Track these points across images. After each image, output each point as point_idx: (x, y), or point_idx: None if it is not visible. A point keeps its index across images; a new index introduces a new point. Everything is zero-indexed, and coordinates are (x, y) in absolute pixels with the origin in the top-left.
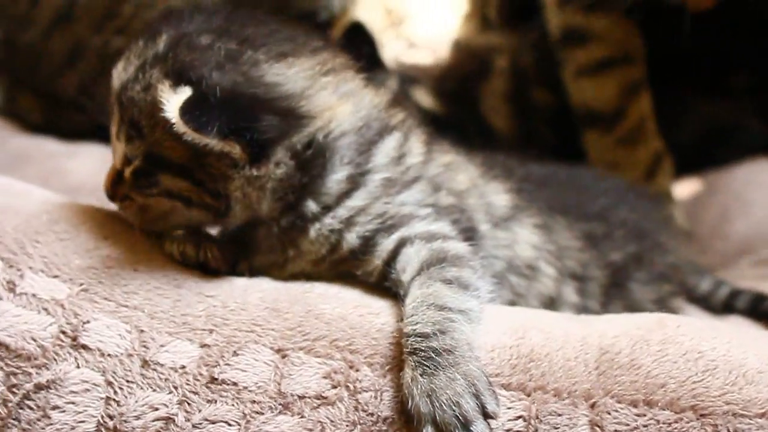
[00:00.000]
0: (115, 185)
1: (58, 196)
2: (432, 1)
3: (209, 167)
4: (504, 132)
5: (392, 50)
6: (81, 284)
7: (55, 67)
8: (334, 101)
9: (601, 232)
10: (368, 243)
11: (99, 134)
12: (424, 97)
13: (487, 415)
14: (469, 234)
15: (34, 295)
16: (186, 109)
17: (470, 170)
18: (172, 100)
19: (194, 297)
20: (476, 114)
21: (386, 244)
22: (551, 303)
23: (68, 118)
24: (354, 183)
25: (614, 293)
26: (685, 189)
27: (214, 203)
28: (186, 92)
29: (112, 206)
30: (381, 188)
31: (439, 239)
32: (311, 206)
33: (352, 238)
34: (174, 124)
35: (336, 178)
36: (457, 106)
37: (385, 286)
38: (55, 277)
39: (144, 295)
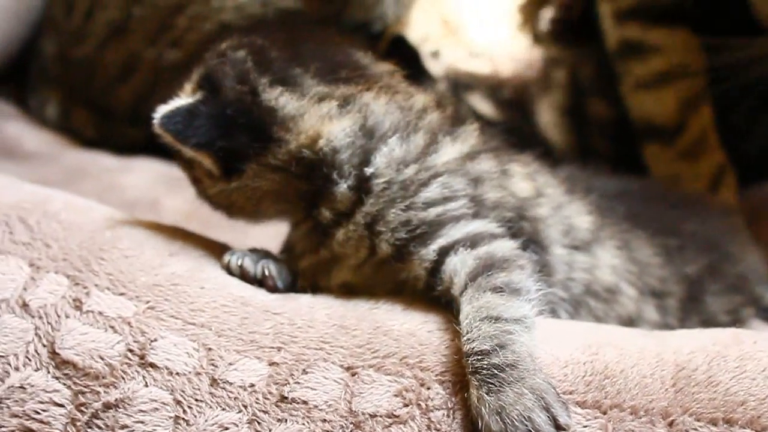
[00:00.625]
0: None
1: (121, 213)
2: (488, 11)
3: (195, 170)
4: (560, 145)
5: (449, 58)
6: (147, 302)
7: (109, 81)
8: (321, 124)
9: (675, 245)
10: (403, 252)
11: (153, 148)
12: (479, 103)
13: (559, 428)
14: (527, 243)
15: (100, 313)
16: (170, 113)
17: (545, 182)
18: (171, 103)
19: (261, 314)
20: (532, 125)
21: (425, 254)
22: (631, 323)
23: (122, 132)
24: (360, 191)
25: (691, 308)
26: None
27: (222, 209)
28: (192, 97)
29: (173, 221)
30: (392, 192)
31: (483, 242)
32: (325, 213)
33: (385, 246)
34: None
35: (340, 189)
36: (514, 113)
37: (434, 296)
38: (122, 294)
39: (211, 313)
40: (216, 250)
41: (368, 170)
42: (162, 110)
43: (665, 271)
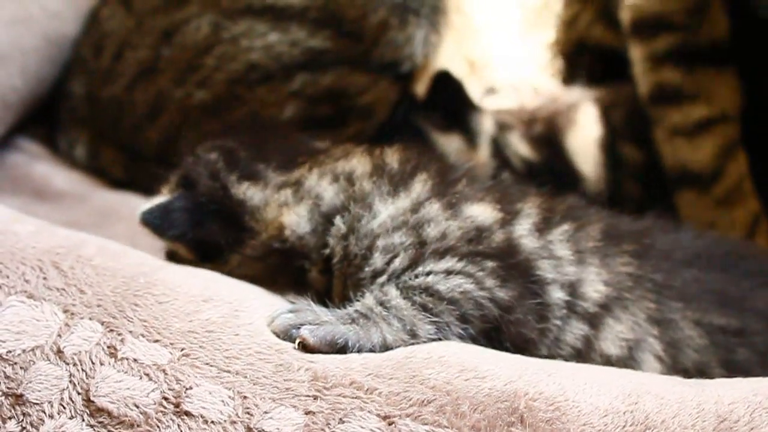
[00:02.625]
0: None
1: (154, 258)
2: (512, 51)
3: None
4: (593, 179)
5: (476, 96)
6: (182, 349)
7: (137, 121)
8: (280, 213)
9: (734, 327)
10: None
11: None
12: (518, 144)
13: None
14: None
15: (135, 360)
16: (150, 210)
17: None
18: (151, 200)
19: (296, 362)
20: (564, 160)
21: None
22: None
23: (150, 172)
24: (327, 272)
25: None
26: None
27: None
28: (171, 195)
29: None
30: (343, 266)
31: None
32: (313, 273)
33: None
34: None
35: (312, 275)
36: (547, 150)
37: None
38: (156, 341)
39: (246, 360)
40: (249, 295)
41: (325, 252)
42: (143, 206)
43: (706, 356)
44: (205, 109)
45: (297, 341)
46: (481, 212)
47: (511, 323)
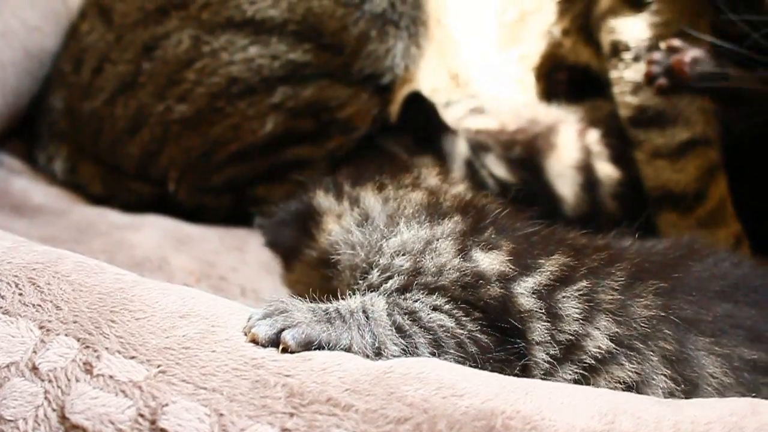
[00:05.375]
0: None
1: (131, 274)
2: (494, 67)
3: None
4: (571, 201)
5: (456, 114)
6: (158, 365)
7: (117, 135)
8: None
9: (764, 362)
10: None
11: (163, 204)
12: (495, 166)
13: None
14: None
15: (111, 377)
16: None
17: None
18: None
19: (273, 378)
20: (542, 183)
21: None
22: None
23: (129, 187)
24: None
25: None
26: None
27: None
28: None
29: (182, 281)
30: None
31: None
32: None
33: None
34: None
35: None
36: (525, 173)
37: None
38: (132, 357)
39: (222, 377)
40: (227, 310)
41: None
42: None
43: (728, 394)
44: (186, 123)
45: (280, 347)
46: (488, 261)
47: (489, 361)
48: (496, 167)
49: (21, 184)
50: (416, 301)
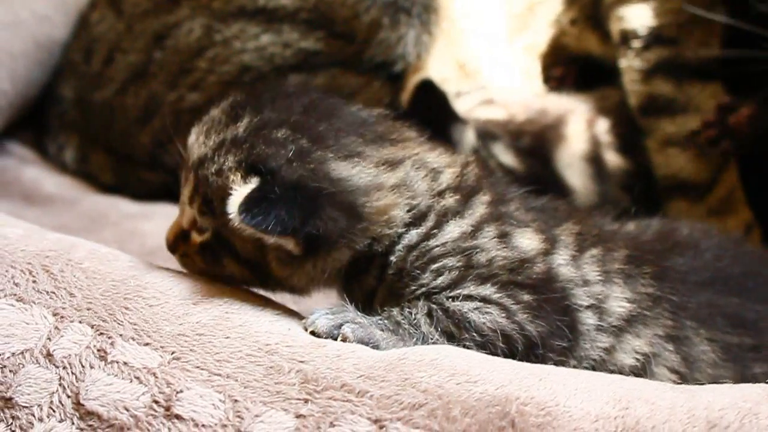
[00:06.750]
0: (177, 241)
1: (144, 261)
2: (502, 57)
3: (269, 255)
4: (581, 191)
5: (465, 104)
6: (172, 352)
7: (128, 125)
8: (390, 200)
9: (748, 345)
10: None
11: (174, 193)
12: (503, 154)
13: None
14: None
15: (125, 364)
16: (246, 206)
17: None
18: (236, 195)
19: (287, 364)
20: (552, 172)
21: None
22: None
23: (140, 176)
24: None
25: None
26: None
27: (274, 286)
28: (252, 185)
29: None
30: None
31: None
32: (369, 278)
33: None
34: (231, 219)
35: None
36: (534, 161)
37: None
38: (147, 344)
39: (236, 363)
40: (240, 297)
41: (392, 258)
42: (235, 202)
43: (723, 371)
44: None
45: (339, 337)
46: (528, 243)
47: (534, 356)
48: (504, 155)
49: (32, 174)
50: (465, 299)
